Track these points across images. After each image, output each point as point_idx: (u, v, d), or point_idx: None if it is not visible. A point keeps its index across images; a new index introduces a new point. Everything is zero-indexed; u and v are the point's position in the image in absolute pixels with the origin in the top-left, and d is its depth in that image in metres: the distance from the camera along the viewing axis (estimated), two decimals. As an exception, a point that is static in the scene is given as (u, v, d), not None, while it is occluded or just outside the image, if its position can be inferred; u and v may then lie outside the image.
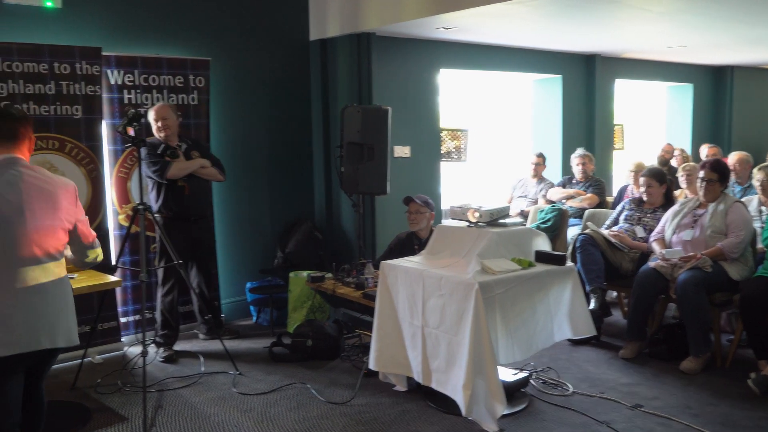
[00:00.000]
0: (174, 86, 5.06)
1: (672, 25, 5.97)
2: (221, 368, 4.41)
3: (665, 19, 5.61)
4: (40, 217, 2.63)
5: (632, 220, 5.12)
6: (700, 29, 6.16)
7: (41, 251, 2.63)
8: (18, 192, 2.59)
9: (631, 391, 3.97)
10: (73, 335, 2.77)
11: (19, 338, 2.55)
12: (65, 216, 2.72)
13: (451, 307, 3.49)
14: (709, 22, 5.73)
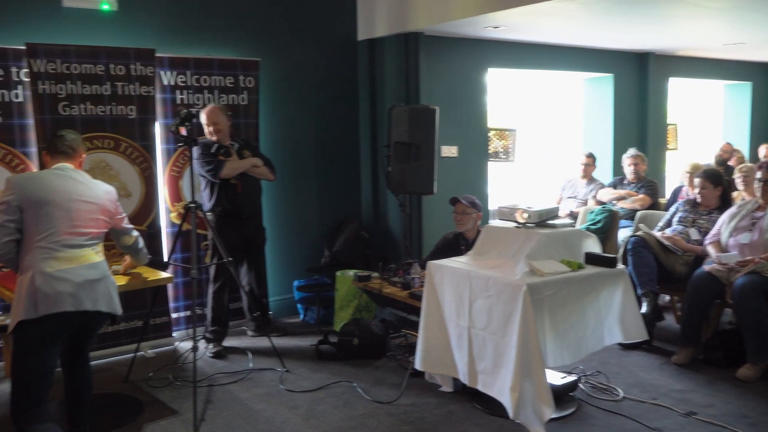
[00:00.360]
0: (224, 86, 5.14)
1: (730, 22, 5.78)
2: (269, 365, 4.47)
3: (723, 16, 5.44)
4: (84, 209, 3.05)
5: (686, 222, 4.98)
6: (759, 25, 5.95)
7: (82, 236, 3.02)
8: (65, 185, 3.04)
9: (684, 398, 3.86)
10: (115, 304, 3.11)
11: (64, 298, 2.87)
12: (103, 212, 3.15)
13: (498, 308, 3.45)
14: None
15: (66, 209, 2.98)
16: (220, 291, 4.75)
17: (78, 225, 3.01)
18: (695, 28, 6.12)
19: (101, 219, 3.13)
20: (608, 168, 7.35)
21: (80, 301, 2.91)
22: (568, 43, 6.77)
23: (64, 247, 2.94)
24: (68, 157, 3.17)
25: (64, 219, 2.97)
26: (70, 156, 3.18)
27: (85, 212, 3.05)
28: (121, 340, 4.71)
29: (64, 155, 3.16)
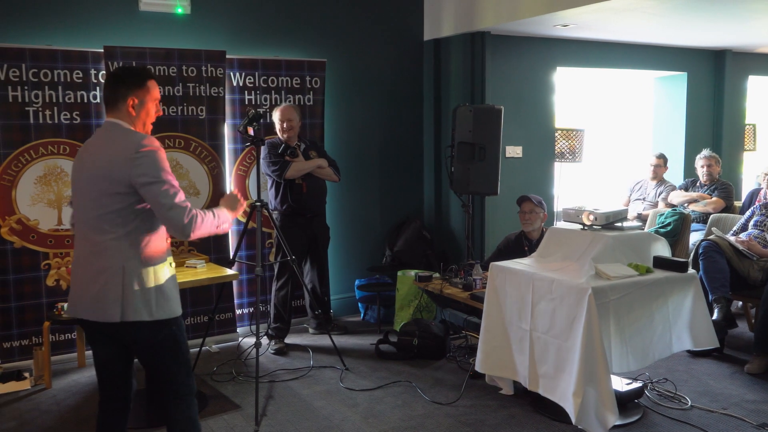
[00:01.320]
0: (291, 87, 5.24)
1: (814, 16, 5.50)
2: (329, 363, 4.53)
3: (807, 10, 5.18)
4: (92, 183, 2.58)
5: (763, 227, 4.77)
6: None
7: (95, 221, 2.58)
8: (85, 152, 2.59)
9: (757, 409, 3.70)
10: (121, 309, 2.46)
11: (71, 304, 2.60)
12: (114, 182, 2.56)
13: (561, 311, 3.39)
14: None
15: (78, 186, 2.54)
16: (283, 288, 4.84)
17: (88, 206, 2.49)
18: (776, 24, 5.85)
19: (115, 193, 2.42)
20: (679, 170, 7.10)
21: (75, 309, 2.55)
22: (639, 41, 6.58)
23: (79, 238, 2.55)
24: (108, 109, 2.53)
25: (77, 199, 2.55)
26: (109, 106, 2.52)
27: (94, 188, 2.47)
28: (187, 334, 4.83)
29: (106, 107, 2.55)
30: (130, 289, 2.43)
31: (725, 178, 6.32)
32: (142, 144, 2.41)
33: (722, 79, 7.31)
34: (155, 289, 2.48)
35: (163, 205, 2.39)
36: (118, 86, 2.51)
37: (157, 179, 2.39)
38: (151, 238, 2.49)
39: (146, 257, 2.47)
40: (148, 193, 2.39)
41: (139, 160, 2.38)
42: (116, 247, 2.43)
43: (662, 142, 7.34)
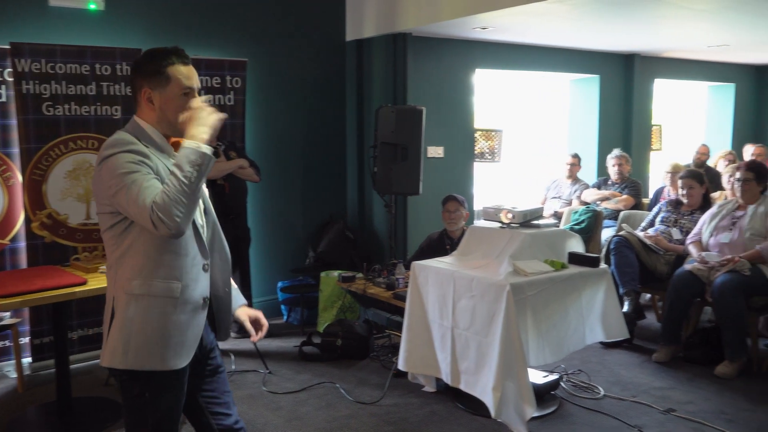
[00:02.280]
0: (211, 87, 5.14)
1: (714, 24, 5.84)
2: (251, 367, 4.47)
3: (707, 18, 5.49)
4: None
5: (669, 222, 5.03)
6: (743, 27, 6.01)
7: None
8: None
9: (664, 396, 3.91)
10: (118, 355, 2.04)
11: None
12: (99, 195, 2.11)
13: (482, 308, 3.48)
14: (752, 20, 5.59)
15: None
16: (204, 292, 4.74)
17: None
18: (680, 30, 6.17)
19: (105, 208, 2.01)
20: (593, 168, 7.39)
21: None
22: (555, 44, 6.81)
23: None
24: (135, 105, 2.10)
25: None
26: (135, 100, 2.10)
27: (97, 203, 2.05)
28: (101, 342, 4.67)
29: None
30: (115, 328, 2.00)
31: (634, 177, 6.62)
32: (103, 151, 1.96)
33: (631, 81, 7.66)
34: (137, 331, 1.98)
35: (135, 213, 1.89)
36: (134, 75, 2.06)
37: (118, 186, 1.89)
38: (145, 262, 1.98)
39: (134, 287, 1.98)
40: (118, 205, 1.93)
41: (100, 172, 1.94)
42: (109, 274, 2.04)
43: (577, 141, 7.63)
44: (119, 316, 1.99)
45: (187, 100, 2.04)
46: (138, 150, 1.95)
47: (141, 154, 1.95)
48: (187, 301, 2.03)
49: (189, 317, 2.04)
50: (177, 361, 2.02)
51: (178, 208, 1.84)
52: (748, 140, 8.57)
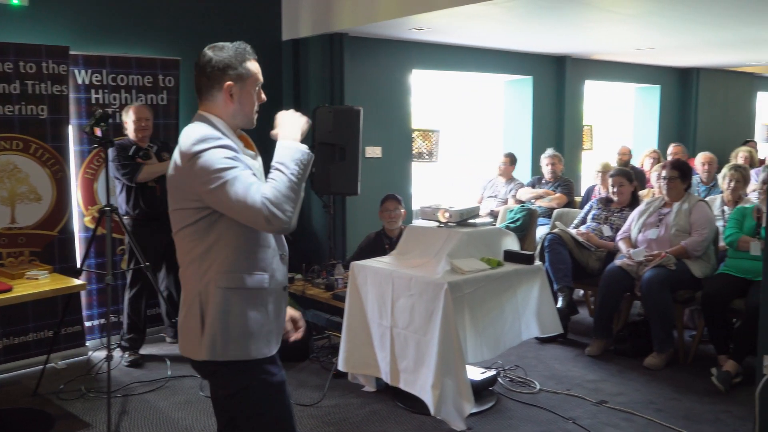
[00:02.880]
0: (143, 86, 5.01)
1: (640, 28, 6.06)
2: (188, 372, 4.37)
3: (633, 22, 5.70)
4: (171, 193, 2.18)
5: (599, 220, 5.19)
6: (667, 32, 6.26)
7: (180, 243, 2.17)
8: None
9: (596, 388, 4.03)
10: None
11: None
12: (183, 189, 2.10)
13: (420, 307, 3.50)
14: (676, 24, 5.83)
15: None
16: (136, 297, 4.62)
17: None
18: (608, 33, 6.38)
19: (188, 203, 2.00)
20: (527, 167, 7.56)
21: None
22: (489, 46, 6.93)
23: None
24: (199, 99, 2.09)
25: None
26: (201, 95, 2.08)
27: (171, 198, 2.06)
28: (29, 351, 4.49)
29: (197, 96, 2.09)
30: (209, 322, 1.97)
31: (567, 176, 6.81)
32: (192, 146, 1.92)
33: (563, 83, 7.88)
34: (233, 324, 1.98)
35: (239, 210, 1.87)
36: (214, 70, 2.03)
37: (218, 182, 1.87)
38: (233, 255, 1.98)
39: (227, 280, 1.97)
40: (216, 203, 1.91)
41: (191, 168, 1.90)
42: (193, 271, 2.00)
43: (511, 141, 7.79)
44: (213, 310, 1.98)
45: (259, 94, 2.13)
46: (230, 145, 1.96)
47: (233, 150, 1.95)
48: (273, 290, 2.07)
49: (276, 306, 2.09)
50: (271, 348, 2.08)
51: (289, 204, 1.88)
52: (673, 140, 8.94)
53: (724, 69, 10.00)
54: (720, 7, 5.06)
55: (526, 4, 4.86)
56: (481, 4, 4.59)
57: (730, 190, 5.06)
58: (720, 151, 8.03)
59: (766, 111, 12.15)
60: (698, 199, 4.72)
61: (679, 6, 5.04)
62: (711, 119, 9.96)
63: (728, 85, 10.27)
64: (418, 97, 6.69)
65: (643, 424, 3.54)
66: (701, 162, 6.42)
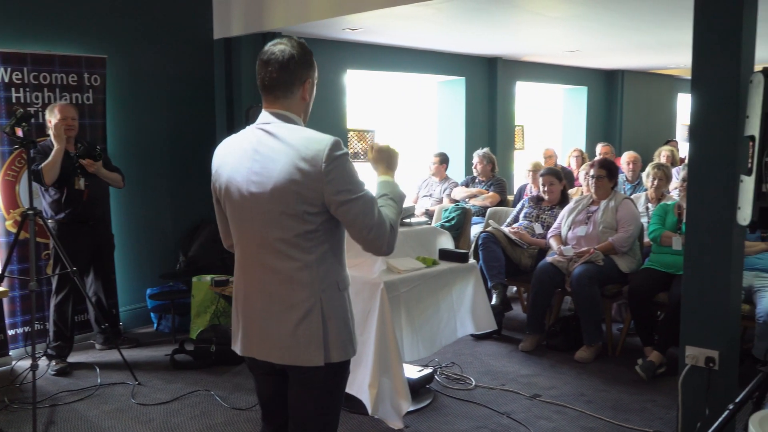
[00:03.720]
0: (67, 84, 4.83)
1: (567, 31, 6.24)
2: (119, 379, 4.25)
3: (561, 24, 5.86)
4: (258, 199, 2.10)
5: (531, 218, 5.31)
6: (593, 35, 6.47)
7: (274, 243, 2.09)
8: (244, 157, 2.06)
9: (530, 382, 4.13)
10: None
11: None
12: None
13: (356, 306, 3.48)
14: (601, 28, 6.03)
15: (241, 202, 1.99)
16: (63, 303, 4.45)
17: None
18: (537, 36, 6.55)
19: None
20: (461, 167, 7.67)
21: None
22: (422, 46, 7.00)
23: (250, 264, 2.06)
24: (271, 94, 2.02)
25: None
26: (276, 93, 2.01)
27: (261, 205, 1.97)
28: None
29: (267, 94, 2.02)
30: (332, 324, 1.97)
31: (500, 175, 6.94)
32: (330, 151, 1.88)
33: (495, 84, 8.03)
34: (352, 319, 2.06)
35: (364, 227, 1.90)
36: (296, 66, 1.99)
37: (355, 194, 1.88)
38: (340, 258, 2.02)
39: (342, 282, 2.01)
40: (346, 213, 1.89)
41: (333, 172, 1.86)
42: (309, 276, 1.94)
43: (445, 141, 7.89)
44: (333, 312, 1.98)
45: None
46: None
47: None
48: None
49: None
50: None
51: (397, 234, 2.00)
52: (600, 139, 9.25)
53: (646, 71, 10.42)
54: (642, 12, 5.27)
55: (457, 5, 4.93)
56: (413, 5, 4.63)
57: (653, 187, 5.28)
58: (644, 149, 8.37)
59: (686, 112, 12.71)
60: (624, 197, 4.89)
61: (604, 10, 5.22)
62: (635, 119, 10.36)
63: (651, 87, 10.71)
64: (353, 98, 6.69)
65: (574, 416, 3.65)
66: (627, 161, 6.66)
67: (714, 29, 3.06)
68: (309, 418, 2.08)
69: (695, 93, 3.16)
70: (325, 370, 1.99)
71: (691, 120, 3.21)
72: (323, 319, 1.96)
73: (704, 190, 3.16)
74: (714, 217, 3.12)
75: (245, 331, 2.07)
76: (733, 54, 3.01)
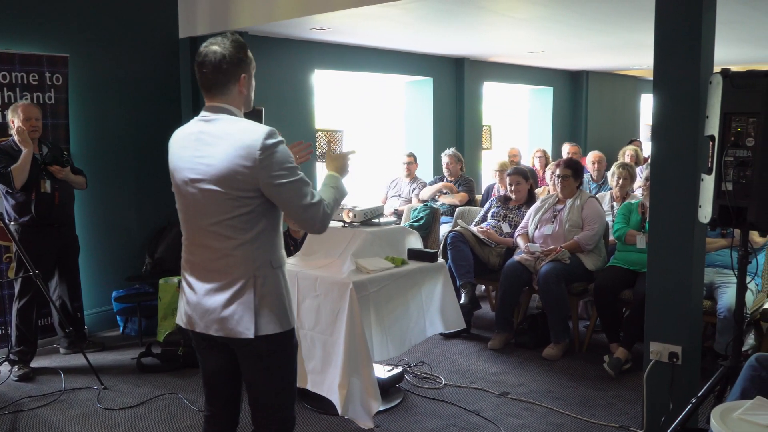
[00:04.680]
0: (28, 84, 4.73)
1: (532, 32, 6.31)
2: (84, 384, 4.17)
3: (526, 26, 5.93)
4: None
5: (498, 217, 5.36)
6: (557, 36, 6.55)
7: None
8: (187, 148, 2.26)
9: (498, 380, 4.17)
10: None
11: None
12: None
13: (326, 307, 3.50)
14: (565, 29, 6.12)
15: (185, 190, 2.19)
16: (26, 307, 4.35)
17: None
18: (503, 36, 6.61)
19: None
20: (429, 167, 7.71)
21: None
22: (390, 47, 7.01)
23: (194, 245, 2.22)
24: (209, 92, 2.18)
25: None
26: (214, 91, 2.16)
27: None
28: None
29: (206, 92, 2.19)
30: (265, 300, 2.13)
31: (468, 175, 6.99)
32: (264, 140, 2.04)
33: (462, 84, 8.08)
34: (286, 296, 2.21)
35: (298, 207, 2.10)
36: (229, 64, 2.14)
37: (288, 178, 2.06)
38: (275, 238, 2.19)
39: (276, 260, 2.17)
40: (279, 195, 2.08)
41: (266, 159, 2.03)
42: (243, 254, 2.11)
43: (414, 141, 7.91)
44: (267, 288, 2.14)
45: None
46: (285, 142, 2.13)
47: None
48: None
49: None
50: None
51: (332, 216, 2.22)
52: (566, 139, 9.38)
53: (610, 72, 10.59)
54: (605, 14, 5.35)
55: (424, 6, 4.95)
56: (380, 5, 4.63)
57: (618, 186, 5.37)
58: (608, 149, 8.51)
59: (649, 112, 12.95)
60: (589, 196, 4.97)
61: (568, 12, 5.30)
62: (599, 119, 10.53)
63: (615, 88, 10.89)
64: (321, 97, 6.68)
65: (543, 413, 3.69)
66: (592, 161, 6.76)
67: (674, 32, 3.13)
68: (261, 392, 2.24)
69: (657, 94, 3.23)
70: (265, 342, 2.15)
71: (653, 120, 3.28)
72: (255, 294, 2.12)
73: (666, 189, 3.24)
74: (676, 215, 3.19)
75: (189, 306, 2.23)
76: (693, 56, 3.09)
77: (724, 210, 2.72)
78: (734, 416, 2.12)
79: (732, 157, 2.67)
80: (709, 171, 2.77)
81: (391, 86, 8.08)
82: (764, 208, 2.63)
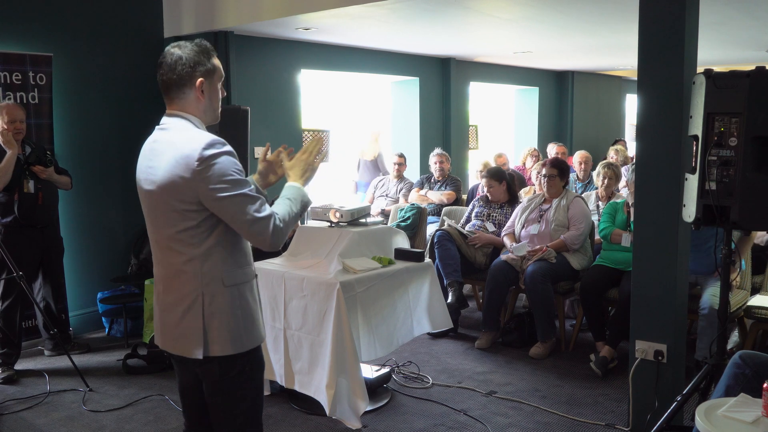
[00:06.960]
0: (11, 83, 4.68)
1: (518, 32, 6.34)
2: (69, 386, 4.14)
3: (512, 26, 5.95)
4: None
5: (482, 217, 5.38)
6: (543, 36, 6.58)
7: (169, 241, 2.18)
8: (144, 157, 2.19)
9: (486, 379, 4.18)
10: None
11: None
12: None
13: (313, 307, 3.49)
14: (551, 30, 6.15)
15: (144, 200, 2.11)
16: (10, 309, 4.31)
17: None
18: (489, 37, 6.63)
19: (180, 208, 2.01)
20: (416, 167, 7.72)
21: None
22: (376, 46, 7.01)
23: (156, 260, 2.15)
24: (167, 96, 2.11)
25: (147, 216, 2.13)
26: (171, 94, 2.09)
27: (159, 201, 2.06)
28: None
29: (165, 96, 2.12)
30: (215, 319, 2.02)
31: (455, 174, 7.01)
32: (202, 150, 1.92)
33: (448, 84, 8.10)
34: (242, 315, 2.07)
35: (244, 222, 1.96)
36: (185, 68, 2.03)
37: (229, 192, 1.93)
38: (231, 254, 2.05)
39: (229, 278, 2.04)
40: (221, 209, 1.95)
41: (205, 171, 1.91)
42: (193, 270, 2.01)
43: (400, 141, 7.92)
44: (216, 307, 2.03)
45: (222, 90, 2.16)
46: (233, 152, 2.00)
47: (236, 156, 2.00)
48: (253, 280, 2.15)
49: (257, 293, 2.19)
50: (262, 333, 2.18)
51: (287, 231, 2.05)
52: (551, 139, 9.43)
53: (596, 72, 10.66)
54: (590, 14, 5.39)
55: (410, 6, 4.96)
56: (366, 5, 4.64)
57: (603, 186, 5.41)
58: (593, 148, 8.57)
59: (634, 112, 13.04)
60: (575, 196, 4.99)
61: (554, 13, 5.33)
62: (585, 119, 10.59)
63: (600, 88, 10.96)
64: (307, 97, 6.67)
65: (530, 411, 3.71)
66: (578, 161, 6.81)
67: (658, 33, 3.16)
68: (217, 415, 2.14)
69: (641, 94, 3.26)
70: (217, 365, 2.06)
71: (638, 120, 3.30)
72: (203, 314, 2.02)
73: (651, 189, 3.26)
74: (660, 214, 3.22)
75: (155, 322, 2.18)
76: (676, 57, 3.11)
77: (707, 209, 2.75)
78: (718, 413, 2.14)
79: (715, 157, 2.70)
80: (693, 170, 2.80)
81: (378, 86, 8.08)
82: (747, 207, 2.66)
